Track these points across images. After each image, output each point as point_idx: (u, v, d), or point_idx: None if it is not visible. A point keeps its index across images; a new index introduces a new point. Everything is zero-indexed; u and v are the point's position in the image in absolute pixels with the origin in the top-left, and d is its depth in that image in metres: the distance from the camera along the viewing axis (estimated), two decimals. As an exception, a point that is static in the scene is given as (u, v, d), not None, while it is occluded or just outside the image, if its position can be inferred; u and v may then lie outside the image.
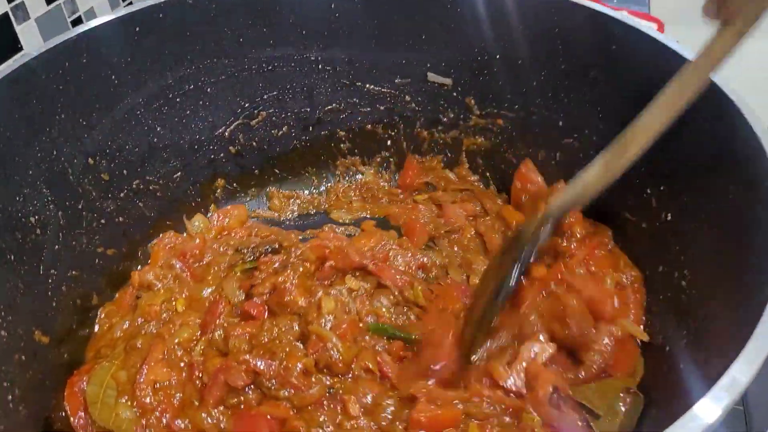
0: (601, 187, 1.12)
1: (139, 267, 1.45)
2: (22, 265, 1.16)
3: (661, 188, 1.19)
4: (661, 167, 1.18)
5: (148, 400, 1.16)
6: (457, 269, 1.41)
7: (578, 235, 1.30)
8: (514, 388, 1.10)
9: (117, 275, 1.42)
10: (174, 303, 1.34)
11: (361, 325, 1.25)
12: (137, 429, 1.13)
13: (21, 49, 1.53)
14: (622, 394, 1.07)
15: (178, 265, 1.40)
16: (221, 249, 1.47)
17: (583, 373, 1.13)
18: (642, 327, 1.18)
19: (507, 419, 1.08)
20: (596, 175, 1.12)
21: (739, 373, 0.71)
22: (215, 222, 1.58)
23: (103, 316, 1.36)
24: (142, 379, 1.17)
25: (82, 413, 1.15)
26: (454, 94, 1.56)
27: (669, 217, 1.16)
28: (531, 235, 1.17)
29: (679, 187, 1.15)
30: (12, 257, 1.14)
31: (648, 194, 1.22)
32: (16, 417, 1.00)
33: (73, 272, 1.29)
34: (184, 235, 1.53)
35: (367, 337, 1.23)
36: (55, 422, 1.13)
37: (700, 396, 0.69)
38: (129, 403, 1.16)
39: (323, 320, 1.21)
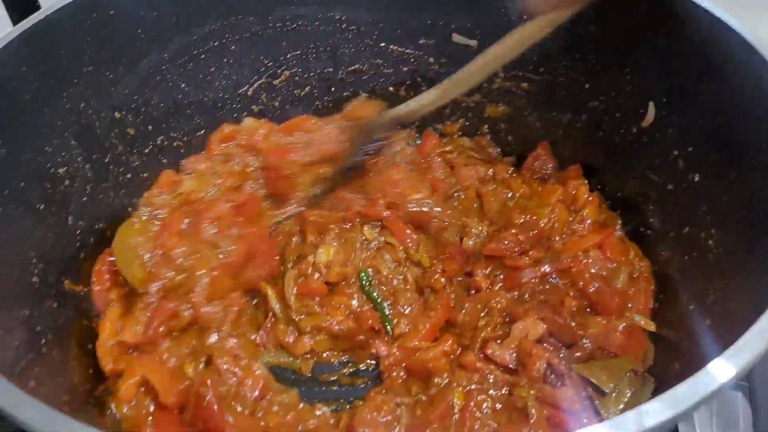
0: (432, 109, 1.30)
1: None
2: (51, 215, 1.18)
3: (689, 149, 1.18)
4: (688, 127, 1.18)
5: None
6: (453, 228, 1.42)
7: (588, 220, 1.36)
8: (506, 364, 1.13)
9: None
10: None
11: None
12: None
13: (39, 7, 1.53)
14: (628, 374, 1.09)
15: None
16: None
17: (579, 353, 1.14)
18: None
19: (499, 392, 1.11)
20: (432, 98, 1.27)
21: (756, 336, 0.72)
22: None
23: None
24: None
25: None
26: (479, 55, 1.55)
27: (696, 179, 1.16)
28: (368, 132, 1.32)
29: (707, 148, 1.14)
30: (42, 206, 1.15)
31: (675, 156, 1.21)
32: (50, 360, 1.02)
33: (100, 224, 1.31)
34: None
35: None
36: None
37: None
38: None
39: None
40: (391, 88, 1.66)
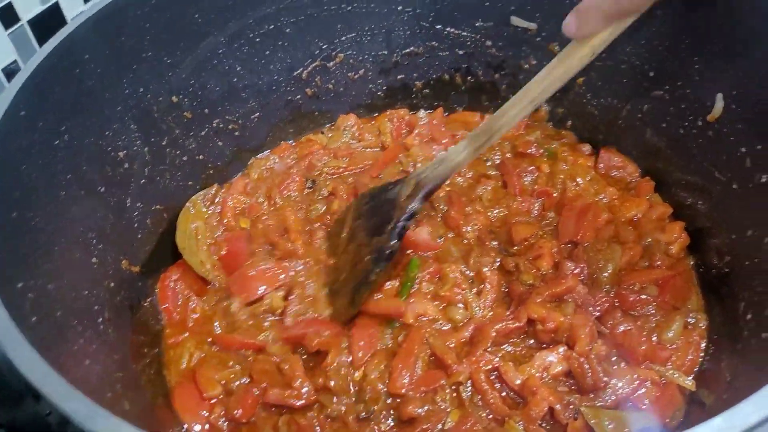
0: (465, 166, 1.25)
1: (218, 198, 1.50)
2: (111, 197, 1.23)
3: (758, 147, 1.11)
4: (759, 124, 1.10)
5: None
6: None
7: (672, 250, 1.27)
8: (515, 389, 1.09)
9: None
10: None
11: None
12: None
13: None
14: None
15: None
16: None
17: (599, 402, 1.06)
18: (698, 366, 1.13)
19: (492, 423, 1.07)
20: (465, 157, 1.16)
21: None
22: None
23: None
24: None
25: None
26: (538, 39, 1.50)
27: (764, 179, 1.09)
28: (403, 202, 1.20)
29: (779, 147, 1.07)
30: (102, 189, 1.20)
31: (742, 153, 1.14)
32: (106, 338, 1.07)
33: (157, 206, 1.36)
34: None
35: None
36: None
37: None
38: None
39: None
40: (446, 75, 1.63)
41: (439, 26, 1.55)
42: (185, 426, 1.11)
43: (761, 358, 0.95)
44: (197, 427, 1.11)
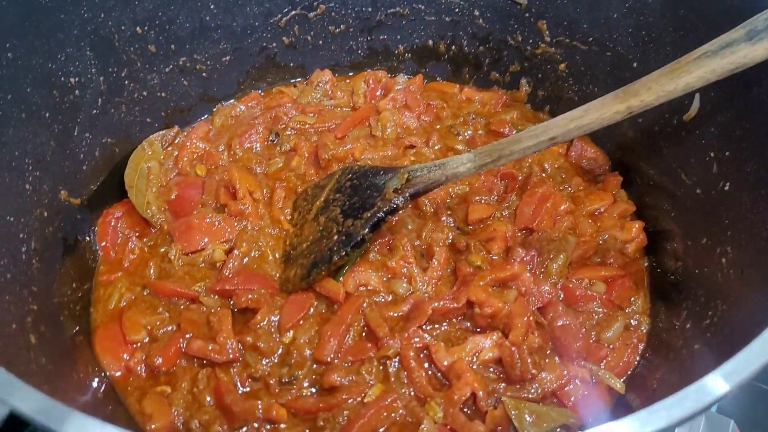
0: (462, 178, 1.20)
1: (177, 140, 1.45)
2: (57, 124, 1.17)
3: (726, 153, 1.06)
4: (731, 128, 1.06)
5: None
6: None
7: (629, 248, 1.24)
8: (442, 370, 1.06)
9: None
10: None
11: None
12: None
13: None
14: (559, 430, 0.99)
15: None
16: None
17: (525, 393, 1.03)
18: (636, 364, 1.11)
19: (412, 402, 1.04)
20: (465, 171, 1.12)
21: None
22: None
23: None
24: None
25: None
26: (527, 14, 1.43)
27: (727, 187, 1.05)
28: (389, 194, 1.15)
29: (746, 155, 1.02)
30: (47, 114, 1.15)
31: (710, 158, 1.10)
32: (26, 268, 1.03)
33: (108, 139, 1.31)
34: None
35: None
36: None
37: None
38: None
39: None
40: (430, 42, 1.57)
41: (427, -12, 1.49)
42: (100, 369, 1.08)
43: (688, 370, 0.92)
44: (116, 372, 1.09)
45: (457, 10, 1.50)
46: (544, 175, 1.35)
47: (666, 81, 0.98)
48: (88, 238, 1.25)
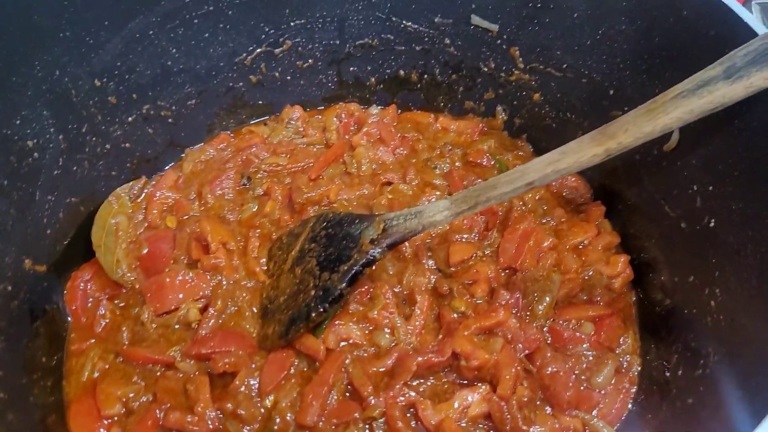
0: (440, 226, 1.20)
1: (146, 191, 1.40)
2: (16, 191, 1.12)
3: (710, 188, 1.03)
4: (714, 162, 1.03)
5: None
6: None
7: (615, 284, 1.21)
8: (430, 429, 1.03)
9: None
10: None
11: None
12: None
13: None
14: None
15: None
16: None
17: None
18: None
19: None
20: (442, 219, 1.09)
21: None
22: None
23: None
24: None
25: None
26: (498, 42, 1.40)
27: (712, 224, 1.02)
28: (365, 246, 1.11)
29: (730, 191, 0.99)
30: (5, 182, 1.10)
31: (693, 191, 1.07)
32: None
33: (72, 199, 1.26)
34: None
35: None
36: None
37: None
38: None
39: None
40: (402, 72, 1.53)
41: (395, 18, 1.45)
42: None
43: (680, 427, 0.89)
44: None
45: (427, 38, 1.46)
46: (524, 208, 1.31)
47: (643, 122, 0.95)
48: (56, 305, 1.20)
